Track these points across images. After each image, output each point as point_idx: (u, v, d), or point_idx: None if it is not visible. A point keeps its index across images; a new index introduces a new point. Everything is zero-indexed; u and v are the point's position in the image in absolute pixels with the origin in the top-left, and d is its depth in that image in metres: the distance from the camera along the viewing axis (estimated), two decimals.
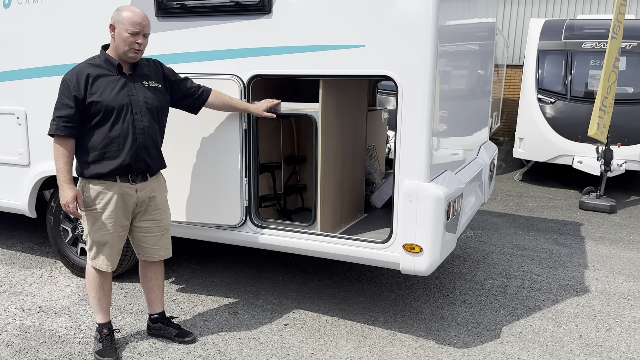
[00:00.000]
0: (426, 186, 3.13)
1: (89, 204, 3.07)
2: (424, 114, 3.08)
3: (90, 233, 3.12)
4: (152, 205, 3.24)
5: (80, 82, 2.94)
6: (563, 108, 8.91)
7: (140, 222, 3.24)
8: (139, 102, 3.06)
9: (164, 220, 3.32)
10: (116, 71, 3.04)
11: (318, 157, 3.48)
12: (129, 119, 3.02)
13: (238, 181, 3.59)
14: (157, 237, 3.31)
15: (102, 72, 3.01)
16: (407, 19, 3.05)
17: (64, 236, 4.50)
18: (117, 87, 3.01)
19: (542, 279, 4.86)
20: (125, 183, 3.09)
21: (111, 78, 3.02)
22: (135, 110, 3.04)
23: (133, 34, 2.96)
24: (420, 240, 3.15)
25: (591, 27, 9.25)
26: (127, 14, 2.98)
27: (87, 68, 3.00)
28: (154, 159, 3.18)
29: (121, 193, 3.08)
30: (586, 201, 7.69)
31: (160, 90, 3.20)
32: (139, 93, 3.07)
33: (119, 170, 3.04)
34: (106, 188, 3.06)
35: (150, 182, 3.20)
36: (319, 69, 3.33)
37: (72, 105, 2.92)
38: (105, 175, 3.03)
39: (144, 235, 3.27)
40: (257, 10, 3.40)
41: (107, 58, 3.05)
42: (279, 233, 3.61)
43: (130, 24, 2.96)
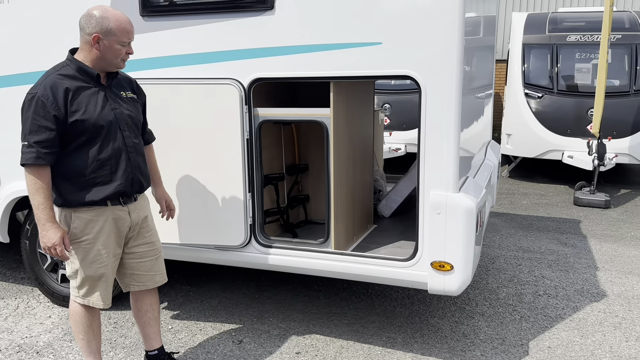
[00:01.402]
0: (456, 197, 2.83)
1: (77, 235, 2.66)
2: (451, 117, 2.78)
3: (83, 268, 2.70)
4: (145, 227, 2.88)
5: (58, 98, 2.48)
6: (551, 102, 8.76)
7: (132, 247, 2.85)
8: (124, 116, 2.68)
9: (157, 242, 2.96)
10: (93, 82, 2.61)
11: (330, 167, 3.15)
12: (119, 137, 2.64)
13: (241, 197, 3.23)
14: (152, 262, 2.93)
15: (79, 84, 2.57)
16: (430, 11, 2.74)
17: (42, 262, 4.06)
18: (99, 101, 2.60)
19: (556, 284, 4.64)
20: (117, 206, 2.71)
21: (90, 91, 2.58)
22: (122, 127, 2.67)
23: (124, 44, 2.60)
24: (450, 257, 2.84)
25: (575, 20, 9.15)
26: (115, 23, 2.56)
27: (61, 80, 2.53)
28: (146, 177, 2.83)
29: (114, 218, 2.70)
30: (581, 197, 7.55)
31: (136, 100, 2.84)
32: (121, 106, 2.69)
33: (114, 196, 2.66)
34: (97, 215, 2.66)
35: (139, 201, 2.84)
36: (329, 70, 2.99)
37: (52, 127, 2.47)
38: (95, 202, 2.64)
39: (138, 261, 2.89)
40: (257, 5, 3.05)
41: (81, 66, 2.59)
42: (289, 253, 3.27)
43: (123, 35, 2.57)
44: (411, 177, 4.15)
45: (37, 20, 3.55)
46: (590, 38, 8.73)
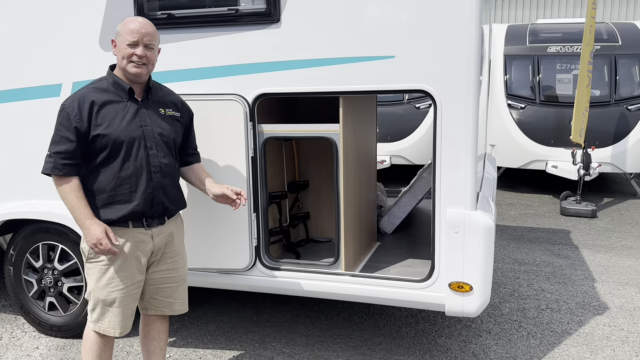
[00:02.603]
0: (474, 215, 2.73)
1: (94, 255, 2.55)
2: (469, 132, 2.69)
3: (95, 290, 2.56)
4: (169, 252, 2.71)
5: (83, 110, 2.44)
6: (533, 113, 8.84)
7: (153, 272, 2.70)
8: (154, 133, 2.56)
9: (182, 268, 2.79)
10: (126, 96, 2.55)
11: (340, 185, 3.02)
12: (142, 154, 2.52)
13: (245, 217, 3.08)
14: (173, 289, 2.77)
15: (109, 97, 2.51)
16: (446, 23, 2.65)
17: (28, 289, 3.82)
18: (127, 116, 2.51)
19: (557, 297, 4.60)
20: (139, 229, 2.57)
21: (120, 105, 2.52)
22: (149, 144, 2.54)
23: (131, 44, 2.49)
24: (469, 277, 2.74)
25: (554, 31, 9.28)
26: (125, 23, 2.53)
27: (91, 93, 2.50)
28: (173, 200, 2.67)
29: (135, 241, 2.56)
30: (567, 207, 7.58)
31: (179, 119, 2.71)
32: (153, 123, 2.57)
33: (132, 216, 2.52)
34: (117, 235, 2.53)
35: (167, 225, 2.68)
36: (339, 84, 2.88)
37: (72, 138, 2.43)
38: (115, 222, 2.51)
39: (157, 287, 2.73)
40: (263, 18, 2.92)
41: (116, 80, 2.55)
42: (296, 275, 3.12)
43: (128, 33, 2.49)
44: (414, 192, 4.06)
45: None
46: (571, 49, 8.85)
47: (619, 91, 8.56)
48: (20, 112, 3.45)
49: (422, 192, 4.01)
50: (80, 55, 3.26)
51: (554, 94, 8.85)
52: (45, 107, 3.34)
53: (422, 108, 9.11)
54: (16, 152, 3.52)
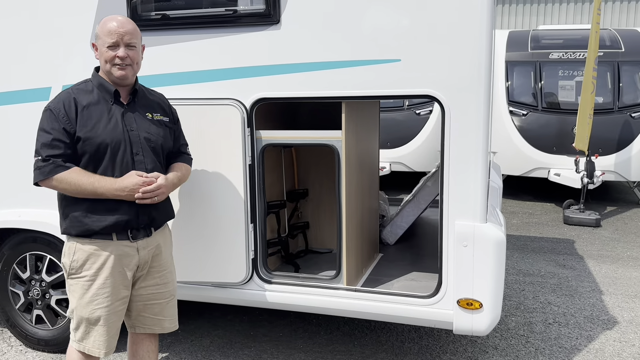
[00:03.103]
0: (484, 228, 2.58)
1: (76, 269, 2.38)
2: (479, 140, 2.54)
3: (78, 308, 2.40)
4: (157, 266, 2.55)
5: (70, 111, 2.31)
6: (536, 120, 8.71)
7: (140, 288, 2.53)
8: (140, 138, 2.41)
9: (171, 283, 2.63)
10: (112, 99, 2.40)
11: (342, 195, 2.87)
12: (128, 160, 2.37)
13: (242, 228, 2.93)
14: (162, 306, 2.60)
15: (94, 100, 2.38)
16: (456, 26, 2.51)
17: (14, 301, 3.65)
18: (112, 120, 2.37)
19: (564, 310, 4.45)
20: (124, 241, 2.40)
21: (104, 107, 2.38)
22: (135, 150, 2.39)
23: (111, 46, 2.35)
24: (479, 294, 2.59)
25: (556, 37, 9.18)
26: (102, 24, 2.38)
27: (75, 94, 2.37)
28: (160, 210, 2.51)
29: (119, 254, 2.39)
30: (571, 216, 7.45)
31: (167, 125, 2.56)
32: (140, 128, 2.43)
33: (116, 227, 2.35)
34: (99, 248, 2.37)
35: (154, 237, 2.52)
36: (341, 89, 2.74)
37: (66, 140, 2.30)
38: (97, 233, 2.34)
39: (145, 304, 2.56)
40: (262, 19, 2.78)
41: (101, 82, 2.42)
42: (295, 290, 2.97)
43: (106, 35, 2.35)
44: (417, 201, 3.91)
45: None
46: (573, 55, 8.74)
47: (623, 98, 8.44)
48: (8, 117, 3.30)
49: (426, 202, 3.86)
50: (73, 58, 3.11)
51: (556, 101, 8.73)
52: (35, 111, 3.18)
53: (423, 114, 8.99)
54: (2, 159, 3.36)
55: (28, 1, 3.15)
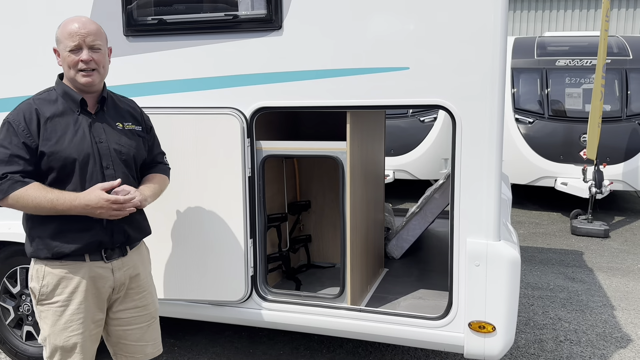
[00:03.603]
0: (498, 246, 2.43)
1: (47, 295, 2.19)
2: (492, 152, 2.40)
3: (51, 336, 2.20)
4: (135, 288, 2.36)
5: (31, 124, 2.10)
6: (542, 128, 8.56)
7: (119, 312, 2.35)
8: (110, 151, 2.22)
9: (151, 305, 2.43)
10: (78, 109, 2.20)
11: (346, 209, 2.73)
12: (97, 175, 2.17)
13: (241, 243, 2.78)
14: (143, 330, 2.41)
15: (58, 110, 2.17)
16: (468, 32, 2.37)
17: (4, 316, 3.51)
18: (79, 132, 2.17)
19: (575, 327, 4.28)
20: (97, 262, 2.22)
21: (71, 119, 2.18)
22: (105, 163, 2.20)
23: (73, 50, 2.14)
24: (492, 316, 2.44)
25: (563, 44, 9.04)
26: (62, 27, 2.17)
27: (37, 105, 2.16)
28: (136, 227, 2.33)
29: (92, 276, 2.21)
30: (579, 226, 7.29)
31: (139, 134, 2.36)
32: (109, 139, 2.23)
33: (88, 248, 2.17)
34: (71, 271, 2.18)
35: (130, 256, 2.33)
36: (346, 98, 2.60)
37: (26, 156, 2.09)
38: (68, 256, 2.16)
39: (125, 329, 2.37)
40: (263, 25, 2.64)
41: (66, 91, 2.21)
42: (296, 309, 2.82)
43: (67, 38, 2.13)
44: (424, 214, 3.76)
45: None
46: (580, 62, 8.60)
47: (631, 106, 8.29)
48: None
49: (433, 215, 3.71)
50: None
51: (563, 109, 8.59)
52: None
53: (427, 121, 8.85)
54: None
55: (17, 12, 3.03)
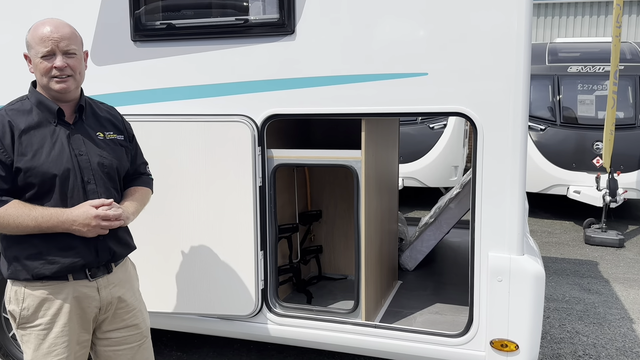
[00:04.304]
0: (522, 261, 2.32)
1: (28, 319, 2.04)
2: (516, 163, 2.29)
3: None
4: (124, 307, 2.20)
5: (4, 137, 1.95)
6: (554, 135, 8.43)
7: (108, 332, 2.20)
8: (91, 164, 2.06)
9: (142, 323, 2.28)
10: (54, 119, 2.04)
11: (361, 221, 2.62)
12: (79, 190, 2.02)
13: (251, 256, 2.68)
14: (134, 350, 2.25)
15: (33, 121, 2.01)
16: (491, 37, 2.27)
17: (7, 328, 3.41)
18: (57, 144, 2.01)
19: (594, 341, 4.15)
20: (82, 281, 2.07)
21: (46, 130, 2.01)
22: (86, 177, 2.04)
23: (46, 56, 1.98)
24: (515, 334, 2.32)
25: (574, 50, 8.92)
26: (33, 31, 2.01)
27: (11, 116, 2.00)
28: (121, 243, 2.17)
29: (76, 296, 2.06)
30: (593, 235, 7.15)
31: (122, 144, 2.21)
32: (90, 151, 2.07)
33: (72, 268, 2.03)
34: (54, 292, 2.03)
35: (116, 273, 2.17)
36: (362, 105, 2.50)
37: (1, 173, 1.94)
38: (49, 278, 2.02)
39: (115, 349, 2.22)
40: (275, 30, 2.55)
41: (41, 100, 2.04)
42: (308, 324, 2.70)
43: (38, 43, 1.97)
44: (439, 224, 3.64)
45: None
46: (592, 69, 8.48)
47: None
48: None
49: (448, 225, 3.60)
50: None
51: (575, 116, 8.46)
52: None
53: (437, 128, 8.74)
54: None
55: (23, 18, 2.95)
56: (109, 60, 2.79)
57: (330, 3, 2.48)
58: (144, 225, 2.61)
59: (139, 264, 2.35)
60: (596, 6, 13.83)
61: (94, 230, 1.97)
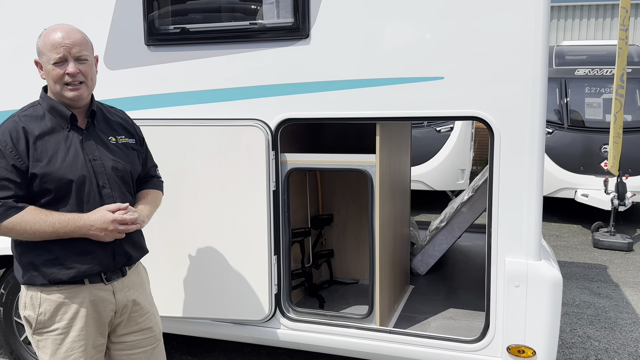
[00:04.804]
0: (539, 266, 2.30)
1: (45, 323, 2.03)
2: (533, 167, 2.28)
3: None
4: (138, 310, 2.21)
5: (19, 144, 1.93)
6: (561, 138, 8.41)
7: (122, 336, 2.19)
8: (106, 168, 2.06)
9: (155, 326, 2.28)
10: (67, 125, 2.03)
11: (375, 226, 2.61)
12: (95, 196, 2.01)
13: (265, 260, 2.67)
14: (148, 353, 2.25)
15: (46, 127, 2.00)
16: (508, 40, 2.26)
17: (19, 333, 3.41)
18: (71, 150, 2.00)
19: (605, 345, 4.12)
20: (98, 284, 2.07)
21: (60, 136, 2.01)
22: (101, 182, 2.04)
23: (58, 62, 1.97)
24: (532, 340, 2.30)
25: (581, 53, 8.90)
26: (44, 37, 2.00)
27: (24, 122, 1.98)
28: (137, 247, 2.18)
29: (92, 300, 2.06)
30: (601, 239, 7.11)
31: (133, 147, 2.21)
32: (103, 156, 2.07)
33: (89, 272, 2.03)
34: (70, 296, 2.02)
35: (129, 276, 2.18)
36: (377, 109, 2.49)
37: (16, 179, 1.92)
38: (66, 282, 2.01)
39: (129, 353, 2.22)
40: (289, 34, 2.54)
41: (53, 105, 2.03)
42: (322, 329, 2.69)
43: (50, 49, 1.96)
44: (451, 228, 3.63)
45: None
46: (600, 72, 8.46)
47: None
48: None
49: (460, 230, 3.58)
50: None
51: (583, 119, 8.44)
52: None
53: (443, 131, 8.73)
54: None
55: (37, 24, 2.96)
56: (122, 65, 2.79)
57: (345, 7, 2.48)
58: (158, 229, 2.61)
59: (152, 268, 2.35)
60: (602, 9, 13.81)
61: (111, 234, 1.96)
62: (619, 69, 6.90)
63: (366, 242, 3.56)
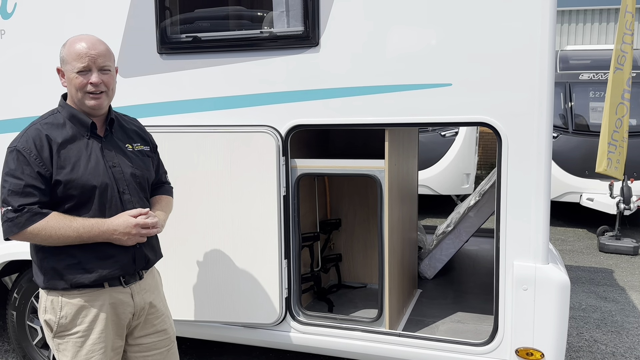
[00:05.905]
0: (547, 269, 2.33)
1: (66, 326, 2.07)
2: (541, 172, 2.31)
3: None
4: (153, 313, 2.26)
5: (43, 151, 1.98)
6: (566, 142, 8.42)
7: (139, 338, 2.24)
8: (125, 175, 2.12)
9: (170, 328, 2.33)
10: (87, 133, 2.09)
11: (384, 231, 2.65)
12: (117, 202, 2.07)
13: (275, 264, 2.71)
14: (163, 355, 2.30)
15: (68, 135, 2.05)
16: (515, 47, 2.30)
17: (32, 337, 3.46)
18: (92, 157, 2.06)
19: (612, 349, 4.14)
20: (117, 287, 2.12)
21: (81, 143, 2.06)
22: (121, 188, 2.09)
23: (82, 71, 2.03)
24: (540, 343, 2.33)
25: (586, 57, 8.93)
26: (69, 46, 2.06)
27: (47, 130, 2.03)
28: (154, 250, 2.25)
29: (112, 303, 2.11)
30: (607, 243, 7.12)
31: (148, 154, 2.27)
32: (122, 162, 2.13)
33: (111, 276, 2.08)
34: (90, 300, 2.07)
35: (145, 279, 2.23)
36: (385, 115, 2.53)
37: (40, 186, 1.97)
38: (87, 286, 2.06)
39: (145, 355, 2.26)
40: (299, 42, 2.59)
41: (74, 113, 2.09)
42: (332, 332, 2.72)
43: (75, 59, 2.02)
44: (458, 233, 3.66)
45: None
46: (604, 76, 8.48)
47: None
48: None
49: (468, 234, 3.61)
50: None
51: (587, 123, 8.46)
52: None
53: (448, 136, 8.76)
54: None
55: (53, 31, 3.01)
56: (135, 73, 2.84)
57: (354, 16, 2.52)
58: (170, 233, 2.65)
59: (165, 272, 2.39)
60: (605, 13, 13.84)
61: (133, 238, 2.02)
62: (626, 74, 6.91)
63: (374, 247, 3.59)
